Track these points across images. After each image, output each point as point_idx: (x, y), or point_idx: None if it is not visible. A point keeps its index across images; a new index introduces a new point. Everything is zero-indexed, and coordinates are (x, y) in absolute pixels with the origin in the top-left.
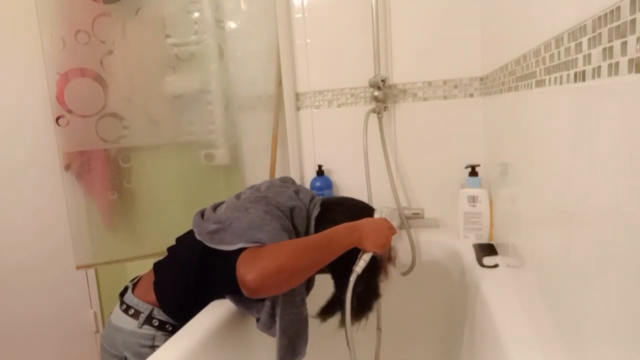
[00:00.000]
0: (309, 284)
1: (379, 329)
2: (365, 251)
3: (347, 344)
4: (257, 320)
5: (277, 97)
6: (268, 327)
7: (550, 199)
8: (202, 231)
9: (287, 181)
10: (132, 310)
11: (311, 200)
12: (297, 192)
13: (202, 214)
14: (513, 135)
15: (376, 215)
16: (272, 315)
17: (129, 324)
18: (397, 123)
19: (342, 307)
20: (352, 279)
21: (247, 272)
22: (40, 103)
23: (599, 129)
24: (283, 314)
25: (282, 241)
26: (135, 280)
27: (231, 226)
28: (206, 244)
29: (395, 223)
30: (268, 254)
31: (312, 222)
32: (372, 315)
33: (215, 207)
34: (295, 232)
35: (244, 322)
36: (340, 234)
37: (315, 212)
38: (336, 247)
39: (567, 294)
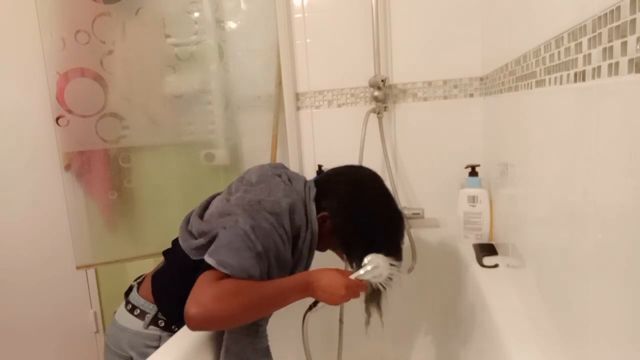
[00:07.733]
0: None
1: (340, 321)
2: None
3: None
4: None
5: (277, 97)
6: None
7: (550, 199)
8: (189, 247)
9: (277, 167)
10: (138, 311)
11: (305, 184)
12: (290, 181)
13: (187, 220)
14: (513, 135)
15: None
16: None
17: (134, 324)
18: (397, 123)
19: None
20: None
21: (193, 305)
22: (40, 103)
23: (599, 128)
24: (230, 338)
25: (240, 284)
26: (140, 280)
27: (214, 239)
28: (193, 258)
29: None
30: (222, 297)
31: (313, 206)
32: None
33: (204, 208)
34: (294, 231)
35: None
36: (295, 290)
37: (312, 194)
38: (288, 301)
39: (567, 294)
